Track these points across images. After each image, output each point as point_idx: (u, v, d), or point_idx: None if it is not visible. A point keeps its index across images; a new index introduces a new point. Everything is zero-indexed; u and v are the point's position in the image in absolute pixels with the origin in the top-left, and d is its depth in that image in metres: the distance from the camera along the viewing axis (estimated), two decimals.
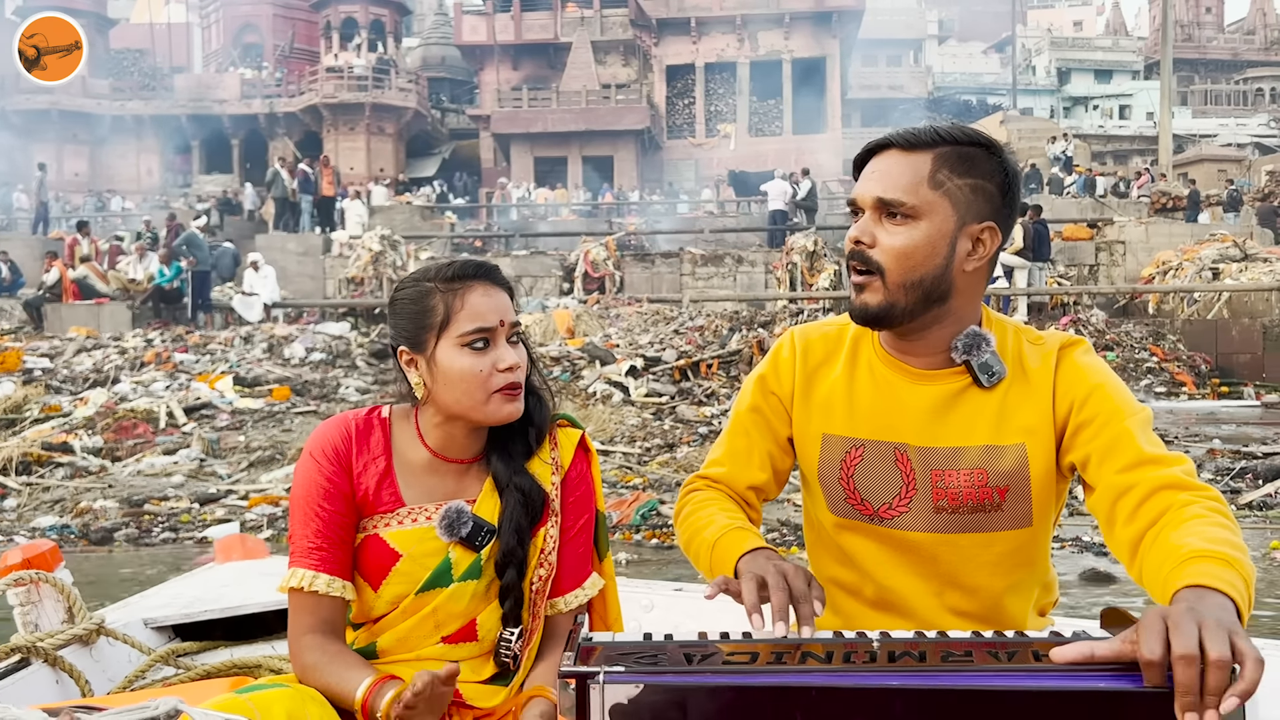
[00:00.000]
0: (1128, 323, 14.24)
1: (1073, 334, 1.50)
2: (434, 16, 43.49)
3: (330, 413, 10.37)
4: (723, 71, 35.51)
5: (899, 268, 1.36)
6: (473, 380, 1.39)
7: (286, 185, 19.29)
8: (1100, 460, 1.32)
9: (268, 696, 1.26)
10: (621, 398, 10.59)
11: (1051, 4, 58.93)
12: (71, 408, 10.32)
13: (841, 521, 1.49)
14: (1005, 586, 1.45)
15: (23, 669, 1.76)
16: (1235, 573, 1.07)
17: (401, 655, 1.45)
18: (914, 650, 1.04)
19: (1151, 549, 1.19)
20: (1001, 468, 1.39)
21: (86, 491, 7.70)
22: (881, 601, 1.48)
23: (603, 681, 0.99)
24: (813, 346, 1.54)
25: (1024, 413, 1.40)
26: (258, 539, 2.71)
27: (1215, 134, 39.89)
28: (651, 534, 6.28)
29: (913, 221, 1.35)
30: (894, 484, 1.44)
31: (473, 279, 1.43)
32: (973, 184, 1.37)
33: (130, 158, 35.11)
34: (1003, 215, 1.40)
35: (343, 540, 1.42)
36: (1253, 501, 6.45)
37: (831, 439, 1.48)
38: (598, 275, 17.37)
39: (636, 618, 1.91)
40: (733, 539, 1.40)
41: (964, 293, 1.40)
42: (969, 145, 1.38)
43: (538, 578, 1.48)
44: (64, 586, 1.93)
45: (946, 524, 1.42)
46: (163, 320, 15.29)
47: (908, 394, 1.44)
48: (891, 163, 1.38)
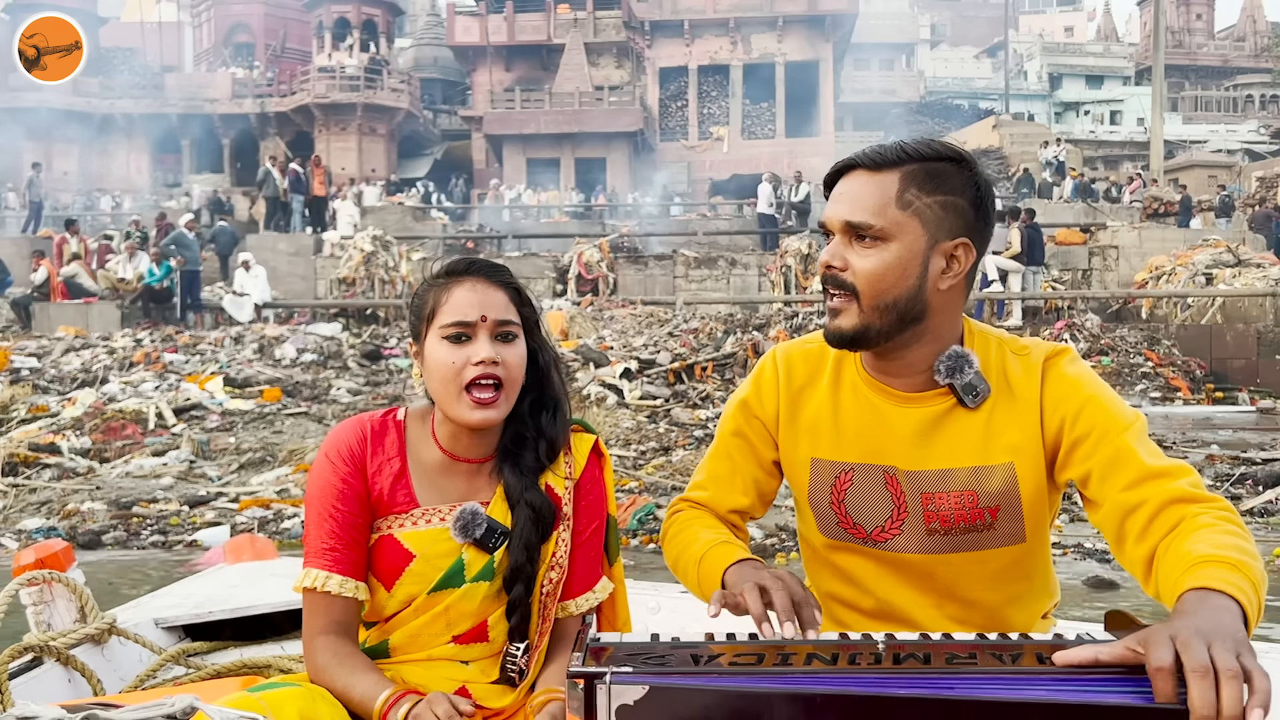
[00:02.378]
0: (1122, 327, 14.23)
1: (1058, 342, 1.47)
2: (426, 17, 43.39)
3: (322, 414, 10.28)
4: (715, 74, 35.52)
5: (871, 290, 1.34)
6: (446, 371, 1.40)
7: (278, 185, 19.16)
8: (1103, 477, 1.30)
9: (280, 695, 1.28)
10: (616, 400, 10.53)
11: (1042, 9, 59.16)
12: (59, 408, 10.21)
13: (835, 544, 1.49)
14: (1004, 599, 1.45)
15: (36, 668, 1.78)
16: (1242, 576, 1.06)
17: (413, 654, 1.46)
18: (919, 652, 1.04)
19: (1163, 563, 1.19)
20: (991, 488, 1.38)
21: (74, 493, 7.60)
22: (881, 613, 1.48)
23: (610, 682, 1.00)
24: (795, 367, 1.52)
25: (1010, 431, 1.38)
26: (267, 540, 2.71)
27: (1205, 140, 39.99)
28: (649, 538, 6.21)
29: (882, 243, 1.33)
30: (885, 507, 1.43)
31: (463, 274, 1.46)
32: (943, 201, 1.34)
33: (120, 157, 34.89)
34: (976, 230, 1.37)
35: (357, 541, 1.44)
36: (1254, 508, 6.42)
37: (820, 463, 1.47)
38: (591, 277, 17.30)
39: (643, 619, 1.91)
40: (719, 553, 1.40)
41: (941, 311, 1.38)
42: (937, 161, 1.35)
43: (549, 580, 1.49)
44: (76, 586, 1.95)
45: (939, 545, 1.41)
46: (152, 320, 15.16)
47: (893, 417, 1.42)
48: (859, 184, 1.36)
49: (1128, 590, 5.07)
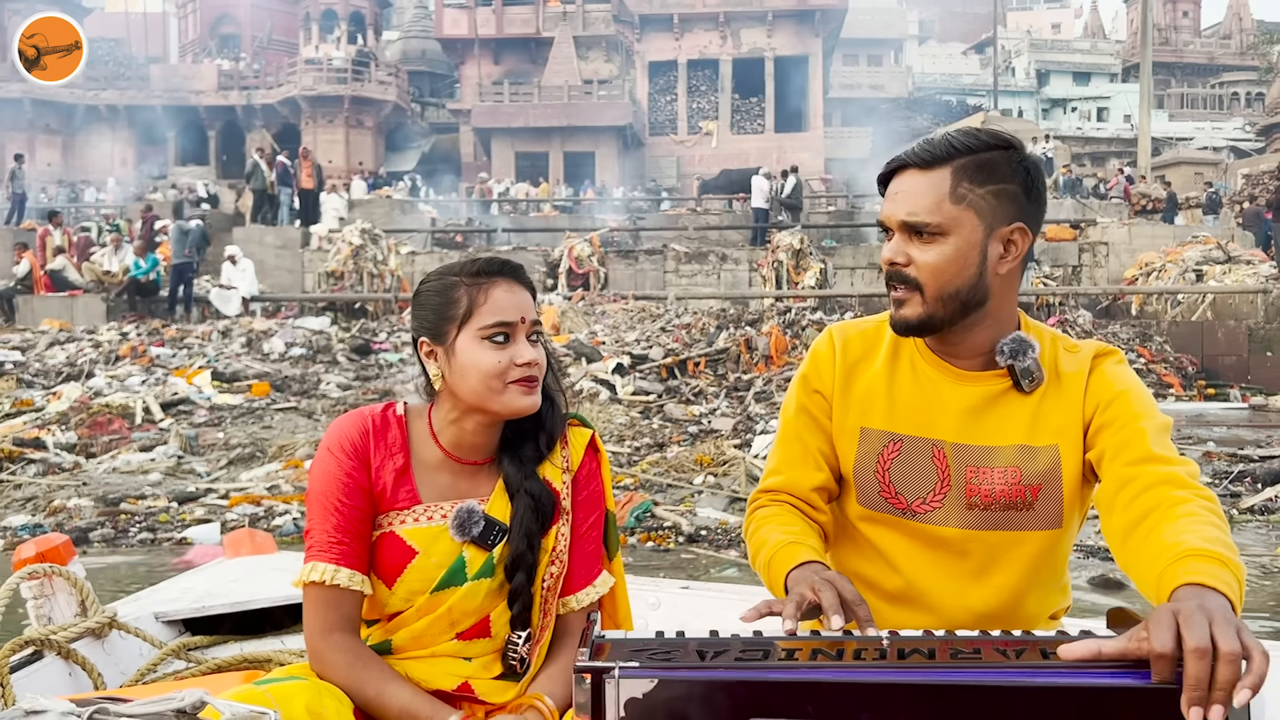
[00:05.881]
0: (1113, 324, 14.24)
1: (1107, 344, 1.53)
2: (414, 9, 43.14)
3: (312, 409, 10.17)
4: (705, 68, 35.48)
5: (935, 282, 1.39)
6: (490, 370, 1.40)
7: (266, 177, 18.97)
8: (1112, 456, 1.36)
9: (287, 689, 1.28)
10: (609, 396, 10.45)
11: (1030, 6, 59.34)
12: (44, 402, 10.07)
13: (869, 514, 1.51)
14: (1029, 586, 1.47)
15: (36, 661, 1.80)
16: (1230, 573, 1.10)
17: (416, 652, 1.46)
18: (923, 648, 1.07)
19: (1145, 542, 1.22)
20: (1035, 467, 1.42)
21: (60, 489, 7.47)
22: (902, 596, 1.49)
23: (618, 676, 1.01)
24: (851, 343, 1.56)
25: (1057, 416, 1.43)
26: (266, 534, 2.71)
27: (1191, 137, 40.19)
28: (647, 536, 6.14)
29: (941, 238, 1.38)
30: (929, 480, 1.46)
31: (498, 275, 1.45)
32: (995, 190, 1.38)
33: (104, 148, 34.59)
34: (1029, 213, 1.42)
35: (361, 535, 1.43)
36: (1254, 506, 6.39)
37: (870, 433, 1.50)
38: (582, 271, 17.18)
39: (643, 615, 1.92)
40: (784, 555, 1.41)
41: (1000, 294, 1.42)
42: (985, 151, 1.39)
43: (549, 575, 1.49)
44: (77, 580, 1.96)
45: (979, 520, 1.44)
46: (138, 313, 15.00)
47: (948, 392, 1.47)
48: (912, 182, 1.40)
49: (1134, 590, 5.03)
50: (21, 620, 1.92)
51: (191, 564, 4.61)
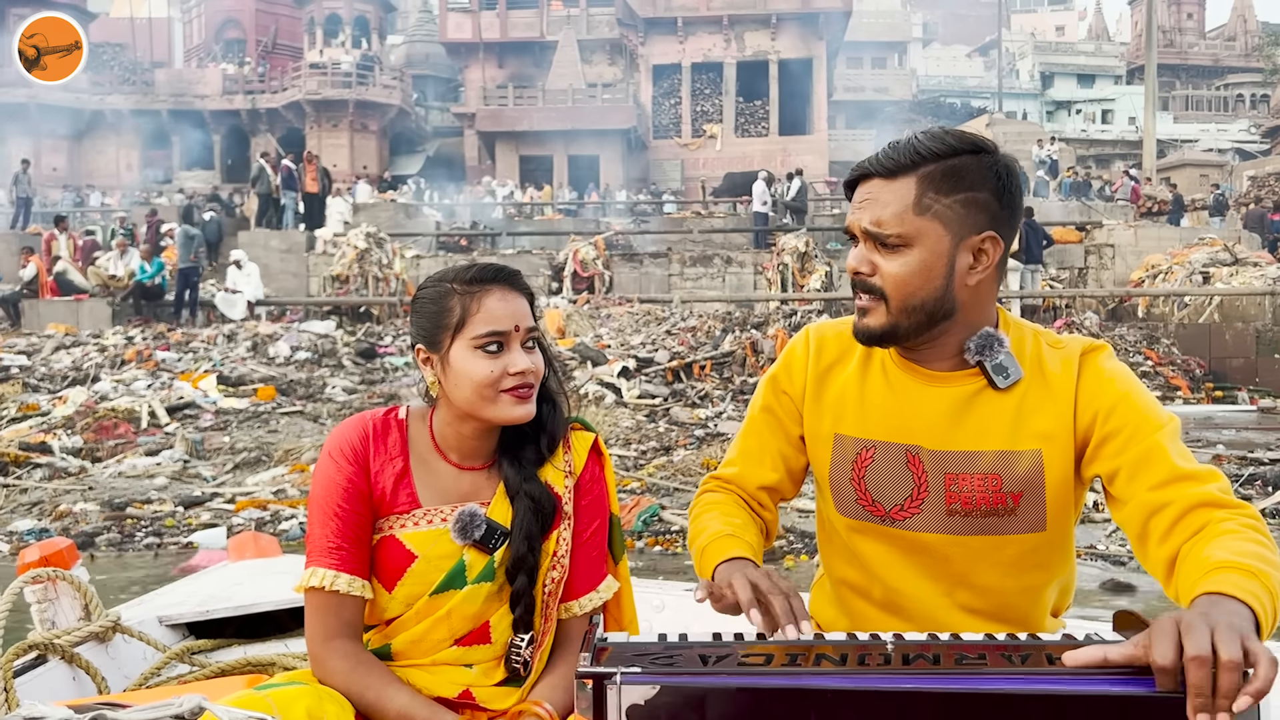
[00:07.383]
0: (1120, 326, 14.20)
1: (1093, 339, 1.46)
2: (418, 13, 43.20)
3: (317, 413, 10.16)
4: (709, 72, 35.46)
5: (899, 294, 1.35)
6: (483, 380, 1.40)
7: (271, 181, 18.98)
8: (1131, 475, 1.29)
9: (288, 694, 1.28)
10: (614, 399, 10.43)
11: (1034, 8, 59.31)
12: (50, 406, 10.07)
13: (852, 523, 1.48)
14: (1018, 588, 1.43)
15: (40, 666, 1.79)
16: (1259, 583, 1.06)
17: (416, 659, 1.45)
18: (928, 653, 1.05)
19: (1184, 565, 1.19)
20: (1016, 473, 1.37)
21: (66, 493, 7.46)
22: (889, 604, 1.47)
23: (620, 682, 1.00)
24: (827, 345, 1.53)
25: (1041, 417, 1.37)
26: (270, 537, 2.68)
27: (1196, 139, 40.15)
28: (654, 540, 6.11)
29: (905, 249, 1.33)
30: (905, 486, 1.42)
31: (491, 282, 1.44)
32: (964, 198, 1.32)
33: (109, 153, 34.66)
34: (1002, 220, 1.36)
35: (361, 540, 1.43)
36: (1265, 509, 6.35)
37: (843, 439, 1.47)
38: (587, 275, 17.16)
39: (648, 618, 1.93)
40: (718, 545, 1.41)
41: (971, 304, 1.37)
42: (954, 156, 1.33)
43: (550, 580, 1.49)
44: (80, 584, 1.95)
45: (959, 526, 1.40)
46: (144, 317, 15.01)
47: (921, 396, 1.42)
48: (876, 191, 1.35)
49: (1144, 593, 4.99)
50: (25, 624, 1.91)
51: (196, 569, 4.59)
